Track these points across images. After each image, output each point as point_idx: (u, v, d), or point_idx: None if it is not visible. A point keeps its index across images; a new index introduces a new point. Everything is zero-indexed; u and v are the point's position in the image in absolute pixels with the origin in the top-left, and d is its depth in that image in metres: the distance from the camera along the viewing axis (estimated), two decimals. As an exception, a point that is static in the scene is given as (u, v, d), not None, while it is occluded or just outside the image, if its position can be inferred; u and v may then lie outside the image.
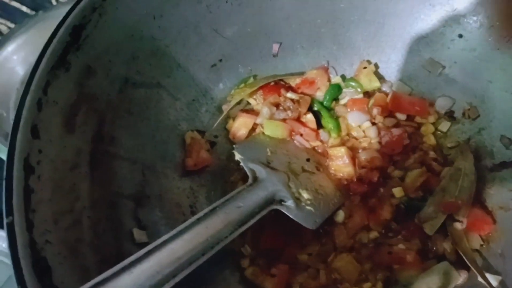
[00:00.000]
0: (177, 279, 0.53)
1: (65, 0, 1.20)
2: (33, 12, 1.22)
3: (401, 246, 0.71)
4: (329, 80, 0.87)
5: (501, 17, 0.74)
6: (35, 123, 0.55)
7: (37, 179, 0.53)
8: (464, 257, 0.68)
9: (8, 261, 0.51)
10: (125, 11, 0.68)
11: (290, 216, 0.69)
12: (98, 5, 0.64)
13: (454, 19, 0.79)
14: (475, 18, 0.77)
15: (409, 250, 0.70)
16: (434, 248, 0.72)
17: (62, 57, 0.60)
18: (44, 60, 0.58)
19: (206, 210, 0.61)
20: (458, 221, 0.72)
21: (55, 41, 0.59)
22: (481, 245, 0.72)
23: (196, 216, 0.60)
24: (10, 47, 1.05)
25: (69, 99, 0.61)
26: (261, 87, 0.84)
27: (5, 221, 0.48)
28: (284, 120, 0.82)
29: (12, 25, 1.22)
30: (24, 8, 1.26)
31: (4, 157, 0.89)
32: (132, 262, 0.52)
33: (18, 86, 1.06)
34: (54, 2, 1.21)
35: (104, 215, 0.63)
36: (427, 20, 0.81)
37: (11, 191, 0.50)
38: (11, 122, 1.06)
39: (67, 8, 1.03)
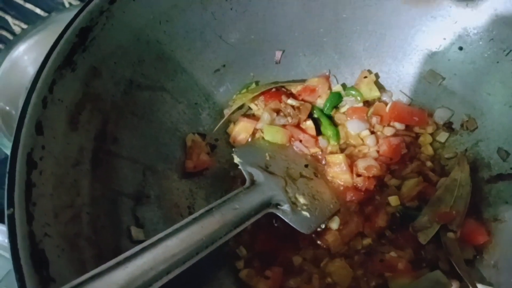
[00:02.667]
0: (171, 276, 0.55)
1: (78, 3, 1.23)
2: (47, 14, 1.25)
3: (392, 254, 0.72)
4: (330, 88, 0.89)
5: (500, 31, 0.76)
6: (39, 120, 0.57)
7: (39, 174, 0.55)
8: (456, 267, 0.69)
9: (8, 255, 0.52)
10: (132, 15, 0.70)
11: (286, 220, 0.70)
12: (105, 9, 0.66)
13: (454, 32, 0.80)
14: (475, 31, 0.79)
15: (400, 258, 0.71)
16: (428, 257, 0.73)
17: (69, 57, 0.62)
18: (51, 59, 0.60)
19: (202, 211, 0.63)
20: (452, 231, 0.73)
21: (62, 41, 0.61)
22: (475, 256, 0.72)
23: (192, 216, 0.61)
24: (22, 47, 1.07)
25: (74, 98, 0.63)
26: (262, 93, 0.86)
27: (6, 212, 0.50)
28: (284, 126, 0.84)
29: (26, 27, 1.25)
30: (38, 10, 1.29)
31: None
32: (127, 257, 0.53)
33: (28, 85, 1.08)
34: (67, 5, 1.23)
35: (103, 212, 0.64)
36: (428, 32, 0.83)
37: (13, 185, 0.51)
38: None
39: (79, 11, 1.06)
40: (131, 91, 0.73)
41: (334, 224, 0.76)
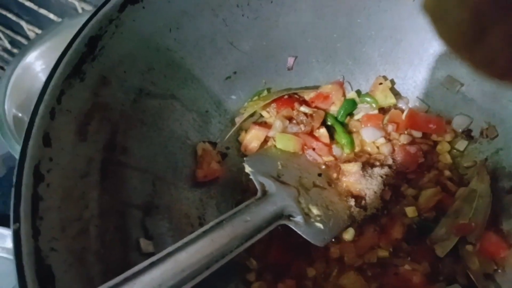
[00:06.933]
0: (179, 292, 0.53)
1: (90, 8, 1.23)
2: (60, 19, 1.25)
3: (407, 267, 0.70)
4: (344, 95, 0.86)
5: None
6: (47, 131, 0.56)
7: (46, 187, 0.54)
8: (475, 282, 0.66)
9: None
10: (141, 23, 0.69)
11: (299, 232, 0.68)
12: (115, 17, 0.65)
13: (473, 36, 0.77)
14: (495, 35, 0.76)
15: (415, 272, 0.69)
16: (445, 271, 0.70)
17: (77, 67, 0.61)
18: (59, 69, 0.59)
19: (212, 223, 0.61)
20: (471, 243, 0.70)
21: (70, 51, 0.60)
22: (495, 270, 0.69)
23: (202, 229, 0.60)
24: (34, 53, 1.08)
25: (82, 108, 0.62)
26: (274, 100, 0.84)
27: (11, 227, 0.49)
28: (296, 134, 0.81)
29: (40, 32, 1.25)
30: (52, 16, 1.30)
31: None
32: (135, 273, 0.52)
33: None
34: (80, 10, 1.24)
35: (112, 224, 0.63)
36: (446, 37, 0.80)
37: (19, 198, 0.50)
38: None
39: (91, 17, 1.06)
40: (140, 99, 0.72)
41: (349, 236, 0.74)
